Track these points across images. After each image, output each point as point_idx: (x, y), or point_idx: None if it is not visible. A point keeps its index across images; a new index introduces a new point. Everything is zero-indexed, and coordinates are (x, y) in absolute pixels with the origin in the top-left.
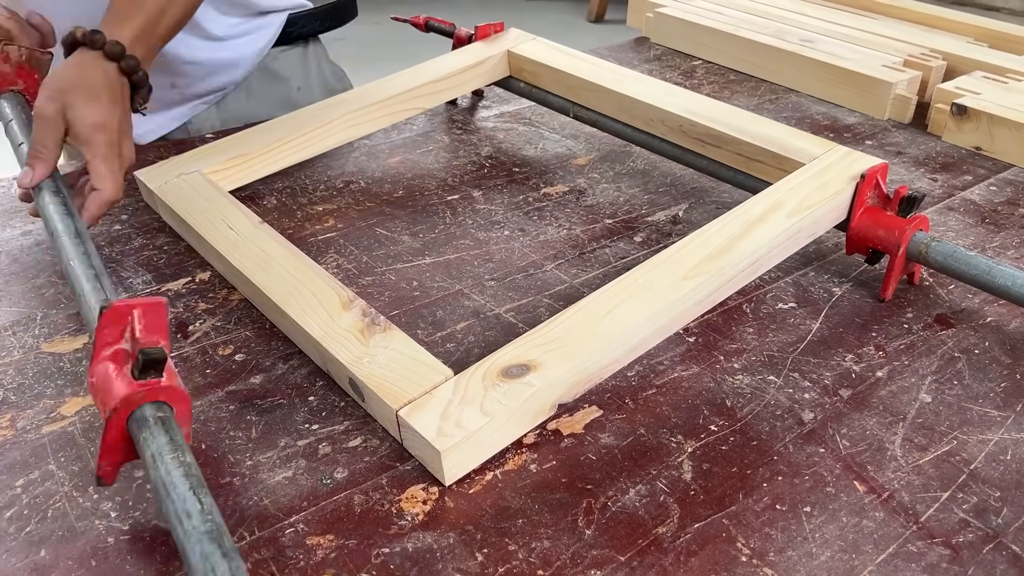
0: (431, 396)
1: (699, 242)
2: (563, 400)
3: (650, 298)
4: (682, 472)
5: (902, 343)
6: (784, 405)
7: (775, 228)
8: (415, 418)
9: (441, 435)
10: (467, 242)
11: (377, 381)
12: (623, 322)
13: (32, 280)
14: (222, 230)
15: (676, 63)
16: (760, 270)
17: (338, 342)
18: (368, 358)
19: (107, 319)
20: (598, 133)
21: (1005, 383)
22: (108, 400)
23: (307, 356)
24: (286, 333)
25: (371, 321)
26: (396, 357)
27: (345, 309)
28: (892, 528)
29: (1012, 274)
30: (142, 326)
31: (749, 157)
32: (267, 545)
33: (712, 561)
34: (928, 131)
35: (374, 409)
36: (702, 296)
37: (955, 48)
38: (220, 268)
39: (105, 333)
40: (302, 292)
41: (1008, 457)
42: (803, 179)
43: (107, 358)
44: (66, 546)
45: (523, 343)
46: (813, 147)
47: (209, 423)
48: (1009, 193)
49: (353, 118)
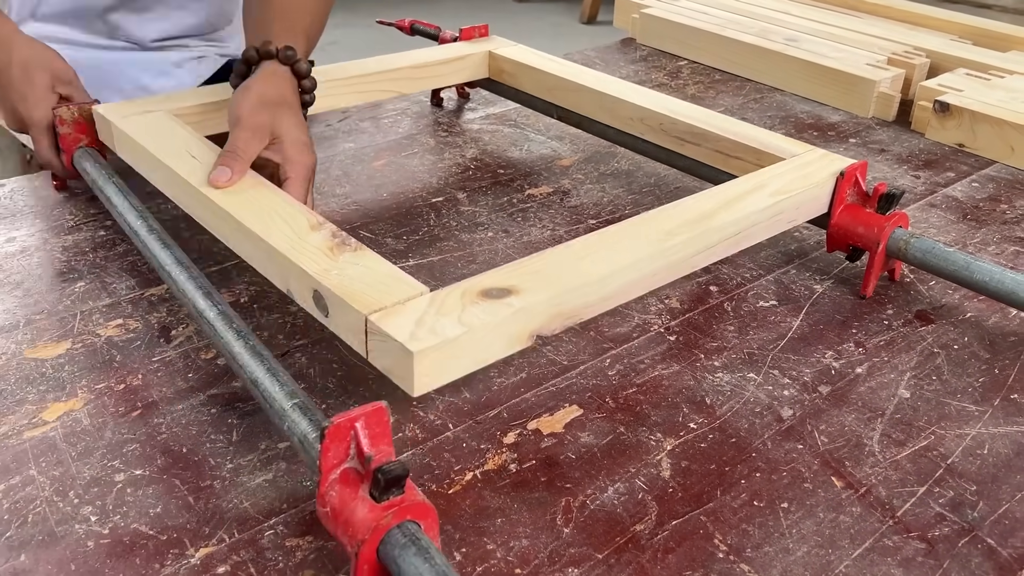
0: (404, 306)
1: (683, 207)
2: (542, 332)
3: (632, 247)
4: (661, 470)
5: (882, 339)
6: (763, 402)
7: (759, 203)
8: (387, 322)
9: (414, 339)
10: (451, 244)
11: (346, 290)
12: (604, 264)
13: (15, 286)
14: (184, 158)
15: (662, 63)
16: (741, 244)
17: (304, 255)
18: (337, 271)
19: (330, 438)
20: (583, 134)
21: (983, 378)
22: (355, 533)
23: (289, 359)
24: (247, 260)
25: (341, 241)
26: (367, 272)
27: (314, 230)
28: (868, 523)
29: (989, 270)
30: (367, 437)
31: (728, 154)
32: (246, 547)
33: (689, 558)
34: (912, 128)
35: (339, 323)
36: (682, 256)
37: (938, 46)
38: (179, 198)
39: (330, 456)
40: (268, 213)
41: (985, 451)
42: (785, 168)
43: (337, 482)
44: (46, 551)
45: (505, 270)
46: (792, 147)
47: (190, 427)
48: (991, 189)
49: (327, 88)
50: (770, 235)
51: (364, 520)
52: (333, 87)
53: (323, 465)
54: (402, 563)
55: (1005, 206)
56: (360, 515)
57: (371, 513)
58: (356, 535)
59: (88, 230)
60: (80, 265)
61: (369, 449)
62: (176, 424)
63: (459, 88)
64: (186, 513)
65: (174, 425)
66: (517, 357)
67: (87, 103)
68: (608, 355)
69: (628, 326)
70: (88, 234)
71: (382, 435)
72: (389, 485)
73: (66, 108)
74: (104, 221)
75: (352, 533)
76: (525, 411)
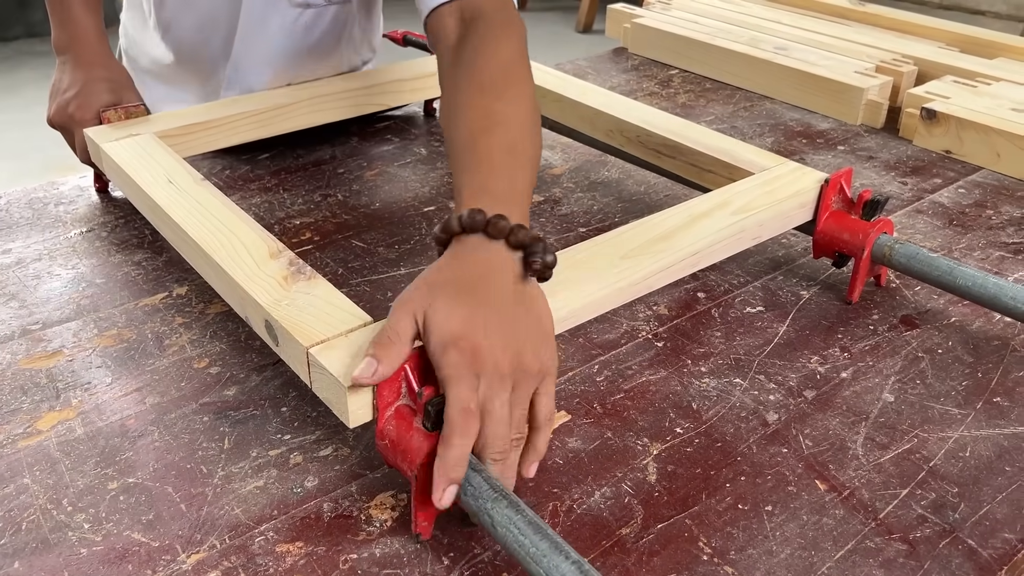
0: (345, 338)
1: (643, 228)
2: None
3: (586, 273)
4: (647, 474)
5: (867, 344)
6: (749, 407)
7: (718, 223)
8: (324, 355)
9: (349, 373)
10: None
11: (292, 322)
12: (556, 291)
13: (11, 297)
14: (162, 184)
15: (653, 72)
16: (702, 263)
17: (259, 285)
18: (288, 301)
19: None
20: (574, 143)
21: (967, 382)
22: (413, 457)
23: (281, 367)
24: (212, 285)
25: (297, 270)
26: (316, 302)
27: (272, 258)
28: (851, 525)
29: (972, 275)
30: (415, 377)
31: (701, 167)
32: (237, 553)
33: (674, 561)
34: (899, 135)
35: (287, 353)
36: (638, 277)
37: (926, 53)
38: (157, 224)
39: (385, 394)
40: (231, 240)
41: (967, 454)
42: (750, 185)
43: (393, 418)
44: (40, 558)
45: None
46: (764, 160)
47: (183, 434)
48: (977, 195)
49: (316, 103)
50: (733, 253)
51: (420, 447)
52: (321, 102)
53: (379, 403)
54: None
55: (991, 212)
56: (416, 443)
57: (426, 441)
58: (414, 460)
59: (83, 242)
60: (75, 276)
61: (418, 386)
62: (169, 432)
63: None
64: (178, 520)
65: (167, 433)
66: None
67: (134, 105)
68: (596, 361)
69: (616, 332)
70: (84, 246)
71: (430, 376)
72: (439, 416)
73: (113, 110)
74: (100, 232)
75: (411, 459)
76: None
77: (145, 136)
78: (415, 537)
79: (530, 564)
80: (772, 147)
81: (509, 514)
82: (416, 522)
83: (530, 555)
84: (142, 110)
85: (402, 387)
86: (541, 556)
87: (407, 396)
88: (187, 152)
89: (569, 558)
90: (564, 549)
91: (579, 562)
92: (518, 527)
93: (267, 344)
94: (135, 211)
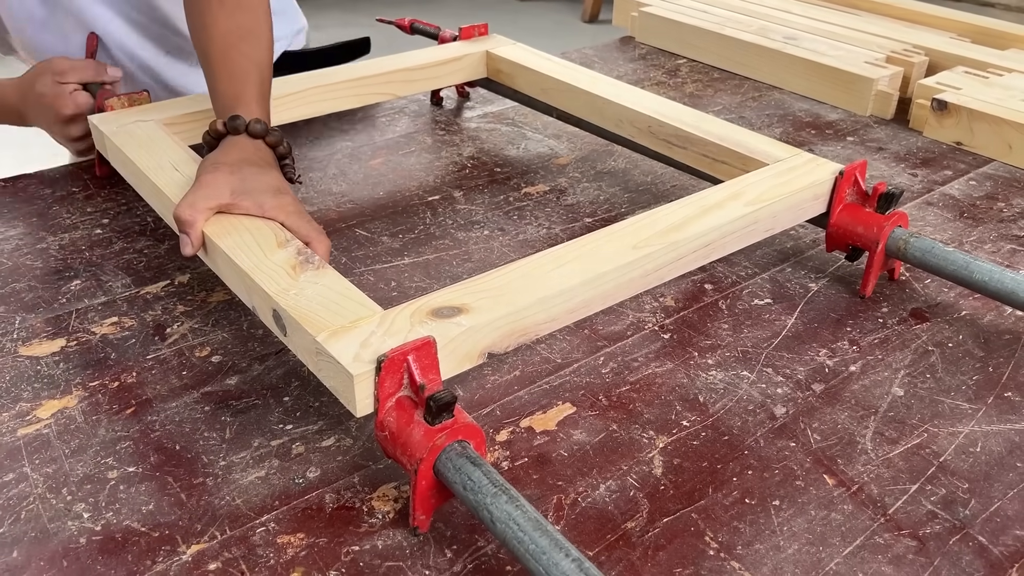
0: (353, 327)
1: (654, 218)
2: (494, 349)
3: (596, 262)
4: (653, 467)
5: (876, 337)
6: (756, 400)
7: (731, 214)
8: (332, 343)
9: (357, 360)
10: (446, 242)
11: (301, 311)
12: (565, 280)
13: (10, 284)
14: (168, 171)
15: (660, 62)
16: (713, 255)
17: (266, 274)
18: (295, 291)
19: (386, 370)
20: (581, 132)
21: (977, 376)
22: (414, 451)
23: (283, 356)
24: (218, 273)
25: (305, 259)
26: (324, 292)
27: (280, 247)
28: (860, 521)
29: (989, 269)
30: (418, 368)
31: (714, 158)
32: (238, 544)
33: (679, 555)
34: (910, 127)
35: (295, 343)
36: (649, 268)
37: (937, 44)
38: (162, 212)
39: (386, 385)
40: (238, 229)
41: (978, 449)
42: (765, 176)
43: (394, 409)
44: (38, 547)
45: (458, 288)
46: (778, 151)
47: (184, 424)
48: (988, 188)
49: (321, 92)
50: (745, 245)
51: (421, 442)
52: (330, 91)
53: (380, 393)
54: (458, 474)
55: (1002, 204)
56: (417, 437)
57: (427, 435)
58: (415, 454)
59: (84, 228)
60: (76, 263)
61: (421, 378)
62: (169, 421)
63: (458, 87)
64: (178, 510)
65: (167, 423)
66: (511, 355)
67: (136, 92)
68: (602, 353)
69: (622, 324)
70: (84, 232)
71: (431, 366)
72: (441, 410)
73: (116, 98)
74: (100, 219)
75: (411, 453)
76: (518, 409)
77: (150, 123)
78: (412, 530)
79: (529, 561)
80: (780, 137)
81: (508, 510)
82: (414, 515)
83: (529, 552)
84: (145, 97)
85: (403, 378)
86: (540, 553)
87: (408, 387)
88: (192, 140)
89: (569, 555)
90: (564, 546)
91: (579, 560)
92: (517, 523)
93: (270, 333)
94: (137, 198)
